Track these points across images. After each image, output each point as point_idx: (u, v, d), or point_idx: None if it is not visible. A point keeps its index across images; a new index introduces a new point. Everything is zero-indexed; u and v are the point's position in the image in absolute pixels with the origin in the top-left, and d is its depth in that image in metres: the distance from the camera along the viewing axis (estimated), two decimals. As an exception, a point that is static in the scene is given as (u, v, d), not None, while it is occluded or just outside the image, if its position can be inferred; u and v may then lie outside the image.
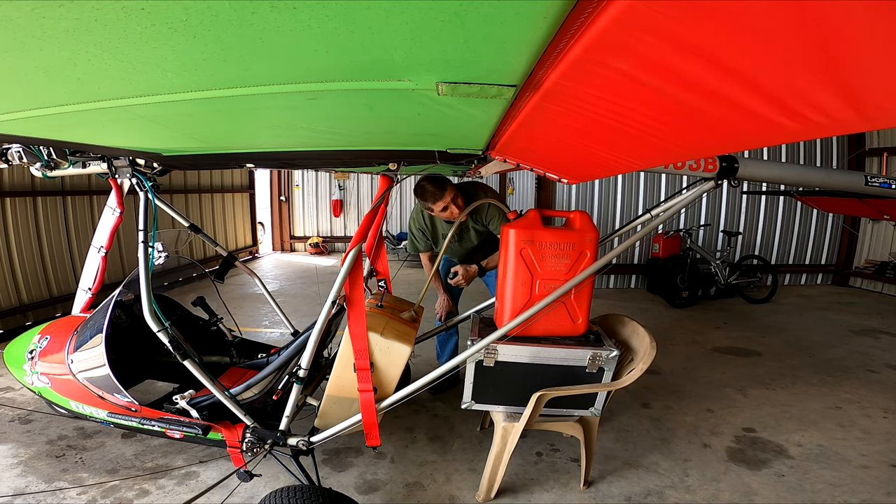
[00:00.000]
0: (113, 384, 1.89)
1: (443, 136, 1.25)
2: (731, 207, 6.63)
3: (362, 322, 1.66)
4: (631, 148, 0.92)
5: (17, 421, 2.67)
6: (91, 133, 1.19)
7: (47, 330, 2.38)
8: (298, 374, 1.69)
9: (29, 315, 4.40)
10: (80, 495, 2.05)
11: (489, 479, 2.05)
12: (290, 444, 1.85)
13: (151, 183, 1.77)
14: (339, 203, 9.70)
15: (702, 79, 0.45)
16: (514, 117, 0.89)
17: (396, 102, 0.80)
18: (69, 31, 0.46)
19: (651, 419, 2.86)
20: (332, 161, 2.02)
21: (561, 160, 1.40)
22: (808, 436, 2.69)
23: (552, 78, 0.57)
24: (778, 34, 0.33)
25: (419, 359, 3.55)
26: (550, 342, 1.96)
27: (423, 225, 2.77)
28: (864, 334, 4.61)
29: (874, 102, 0.42)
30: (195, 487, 2.11)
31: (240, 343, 2.71)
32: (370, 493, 2.12)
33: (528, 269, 1.91)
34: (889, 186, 1.84)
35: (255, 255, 9.10)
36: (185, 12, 0.43)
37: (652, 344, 1.94)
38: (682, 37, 0.37)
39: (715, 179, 1.72)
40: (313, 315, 1.71)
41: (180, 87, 0.69)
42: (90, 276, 2.40)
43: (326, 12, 0.43)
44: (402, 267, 7.25)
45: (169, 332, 1.61)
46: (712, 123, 0.62)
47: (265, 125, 1.10)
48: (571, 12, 0.39)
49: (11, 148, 1.87)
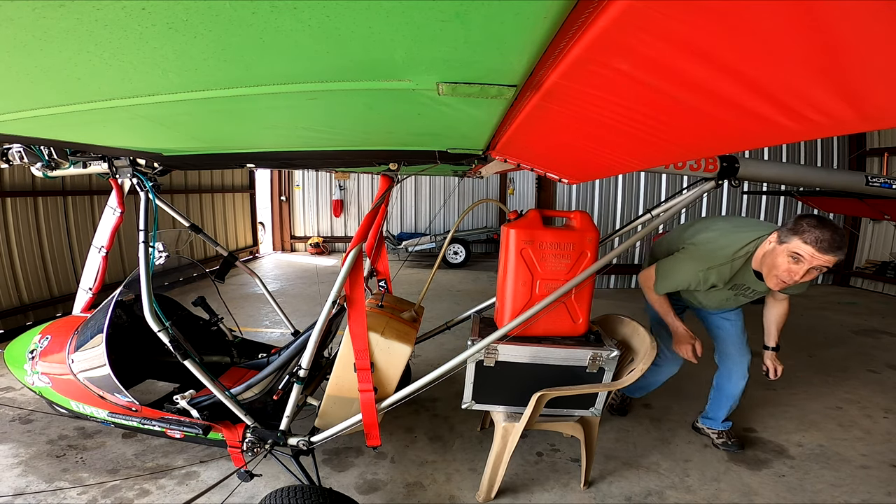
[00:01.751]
0: (113, 384, 1.89)
1: (443, 136, 1.25)
2: (731, 207, 6.62)
3: (363, 322, 1.66)
4: (631, 148, 0.92)
5: (18, 421, 2.67)
6: (91, 133, 1.19)
7: (48, 330, 2.38)
8: (299, 374, 1.69)
9: (29, 315, 4.40)
10: (81, 495, 2.05)
11: (489, 479, 2.05)
12: (290, 444, 1.85)
13: (152, 183, 1.77)
14: (339, 203, 9.71)
15: (702, 79, 0.45)
16: (514, 117, 0.89)
17: (396, 102, 0.80)
18: (69, 31, 0.46)
19: (651, 419, 2.86)
20: (332, 161, 2.02)
21: (561, 160, 1.40)
22: (808, 436, 2.69)
23: (552, 78, 0.57)
24: (778, 34, 0.33)
25: (419, 359, 3.55)
26: (551, 342, 1.96)
27: (724, 268, 2.08)
28: (864, 334, 4.61)
29: (874, 102, 0.42)
30: (195, 487, 2.11)
31: (240, 343, 2.71)
32: (370, 493, 2.12)
33: (528, 269, 1.91)
34: (890, 186, 1.83)
35: (256, 255, 9.11)
36: (185, 12, 0.43)
37: (652, 344, 1.94)
38: (682, 37, 0.37)
39: (715, 179, 1.72)
40: (313, 315, 1.71)
41: (181, 87, 0.69)
42: (91, 276, 2.40)
43: (326, 12, 0.43)
44: (403, 267, 7.25)
45: (169, 331, 1.62)
46: (712, 123, 0.62)
47: (265, 125, 1.10)
48: (571, 12, 0.39)
49: (12, 148, 1.87)
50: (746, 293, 2.22)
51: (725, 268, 2.07)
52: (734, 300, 2.28)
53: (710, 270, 2.08)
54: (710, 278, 2.09)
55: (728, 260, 2.06)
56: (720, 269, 2.07)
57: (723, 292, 2.22)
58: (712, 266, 2.07)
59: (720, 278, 2.09)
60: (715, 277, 2.09)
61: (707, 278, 2.10)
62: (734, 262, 2.06)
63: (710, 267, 2.08)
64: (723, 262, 2.06)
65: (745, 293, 2.22)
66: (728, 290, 2.20)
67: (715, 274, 2.08)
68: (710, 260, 2.08)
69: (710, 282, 2.11)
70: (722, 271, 2.08)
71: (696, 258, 2.12)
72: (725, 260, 2.06)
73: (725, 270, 2.08)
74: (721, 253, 2.07)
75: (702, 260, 2.10)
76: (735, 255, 2.05)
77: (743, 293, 2.22)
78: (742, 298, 2.26)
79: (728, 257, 2.06)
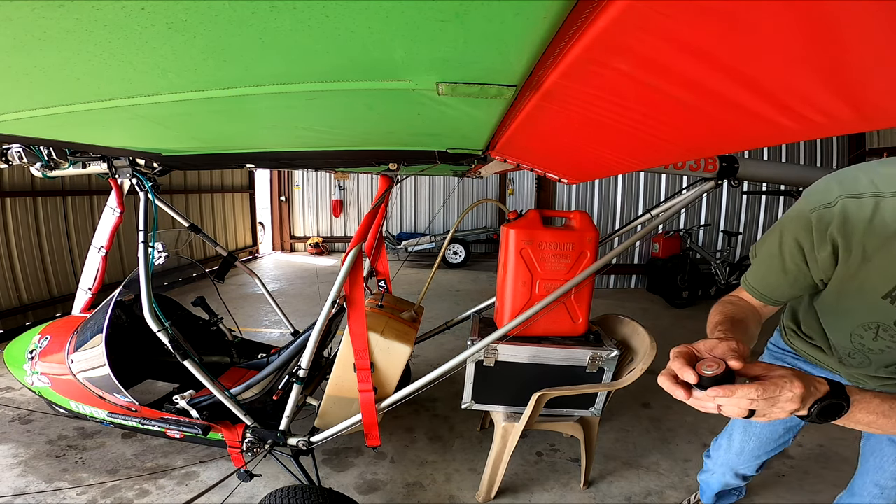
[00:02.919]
0: (113, 384, 1.89)
1: (443, 136, 1.25)
2: (731, 207, 6.63)
3: (362, 322, 1.66)
4: (631, 148, 0.92)
5: (18, 421, 2.67)
6: (91, 133, 1.19)
7: (47, 330, 2.38)
8: (298, 374, 1.69)
9: (29, 315, 4.40)
10: (81, 495, 2.05)
11: (489, 479, 2.05)
12: (290, 444, 1.85)
13: (151, 183, 1.77)
14: (339, 203, 9.70)
15: (702, 79, 0.45)
16: (514, 117, 0.89)
17: (396, 102, 0.80)
18: (69, 31, 0.46)
19: (651, 419, 2.86)
20: (332, 161, 2.02)
21: (561, 160, 1.40)
22: (808, 436, 2.69)
23: (552, 78, 0.57)
24: (778, 34, 0.33)
25: (419, 359, 3.55)
26: (550, 342, 1.96)
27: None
28: (864, 334, 4.60)
29: (874, 102, 0.42)
30: (195, 487, 2.11)
31: (240, 343, 2.71)
32: (370, 493, 2.12)
33: (528, 269, 1.91)
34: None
35: (256, 255, 9.10)
36: (185, 12, 0.43)
37: (652, 344, 1.94)
38: (682, 37, 0.37)
39: (715, 179, 1.72)
40: (313, 315, 1.71)
41: (180, 87, 0.69)
42: (90, 276, 2.40)
43: (326, 12, 0.43)
44: (402, 267, 7.24)
45: (169, 332, 1.62)
46: (712, 123, 0.62)
47: (265, 125, 1.10)
48: (571, 12, 0.39)
49: (11, 148, 1.87)
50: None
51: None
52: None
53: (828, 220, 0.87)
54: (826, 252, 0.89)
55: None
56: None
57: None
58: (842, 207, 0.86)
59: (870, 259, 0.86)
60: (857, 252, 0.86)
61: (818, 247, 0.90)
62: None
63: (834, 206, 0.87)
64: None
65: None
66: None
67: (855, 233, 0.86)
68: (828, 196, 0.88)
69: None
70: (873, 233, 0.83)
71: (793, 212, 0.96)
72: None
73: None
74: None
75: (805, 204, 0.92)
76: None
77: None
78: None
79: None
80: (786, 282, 0.99)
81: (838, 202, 0.85)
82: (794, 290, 1.02)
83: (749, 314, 1.03)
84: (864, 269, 0.87)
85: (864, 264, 0.86)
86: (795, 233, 0.92)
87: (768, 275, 1.02)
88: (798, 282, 0.98)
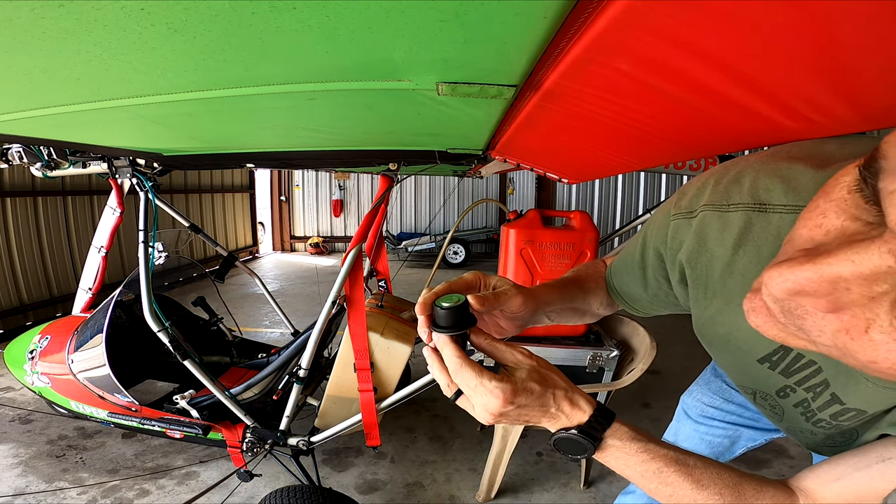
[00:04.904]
0: (113, 384, 1.89)
1: (443, 136, 1.25)
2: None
3: (362, 322, 1.66)
4: (631, 148, 0.92)
5: (18, 421, 2.67)
6: (91, 133, 1.19)
7: (47, 330, 2.38)
8: (298, 374, 1.69)
9: (29, 315, 4.40)
10: (81, 495, 2.05)
11: (489, 479, 2.05)
12: (290, 444, 1.85)
13: (152, 183, 1.77)
14: (339, 203, 9.71)
15: (702, 79, 0.45)
16: (514, 117, 0.89)
17: (396, 102, 0.80)
18: (69, 31, 0.46)
19: (651, 419, 2.86)
20: (332, 161, 2.02)
21: (561, 160, 1.40)
22: (808, 436, 2.69)
23: (552, 78, 0.57)
24: (778, 34, 0.33)
25: (419, 359, 3.55)
26: (551, 342, 1.96)
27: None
28: (864, 334, 4.60)
29: (874, 102, 0.42)
30: (195, 487, 2.11)
31: (240, 343, 2.71)
32: (370, 493, 2.12)
33: (528, 269, 1.91)
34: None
35: (256, 255, 9.11)
36: (185, 12, 0.43)
37: (652, 344, 1.94)
38: (682, 37, 0.37)
39: (715, 179, 1.72)
40: (313, 315, 1.71)
41: (180, 87, 0.69)
42: (90, 276, 2.40)
43: (326, 12, 0.43)
44: (402, 267, 7.25)
45: (169, 331, 1.62)
46: (712, 123, 0.62)
47: (265, 125, 1.10)
48: (571, 12, 0.39)
49: (11, 148, 1.87)
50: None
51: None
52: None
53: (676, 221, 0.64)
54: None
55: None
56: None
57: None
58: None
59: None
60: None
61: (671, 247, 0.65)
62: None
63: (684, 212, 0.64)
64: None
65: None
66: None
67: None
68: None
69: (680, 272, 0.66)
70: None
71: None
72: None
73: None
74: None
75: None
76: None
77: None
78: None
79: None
80: (646, 298, 0.75)
81: (700, 213, 0.57)
82: (657, 309, 0.78)
83: (601, 286, 0.82)
84: (728, 316, 0.57)
85: (726, 309, 0.56)
86: (657, 241, 0.66)
87: (630, 282, 0.76)
88: (659, 300, 0.74)
